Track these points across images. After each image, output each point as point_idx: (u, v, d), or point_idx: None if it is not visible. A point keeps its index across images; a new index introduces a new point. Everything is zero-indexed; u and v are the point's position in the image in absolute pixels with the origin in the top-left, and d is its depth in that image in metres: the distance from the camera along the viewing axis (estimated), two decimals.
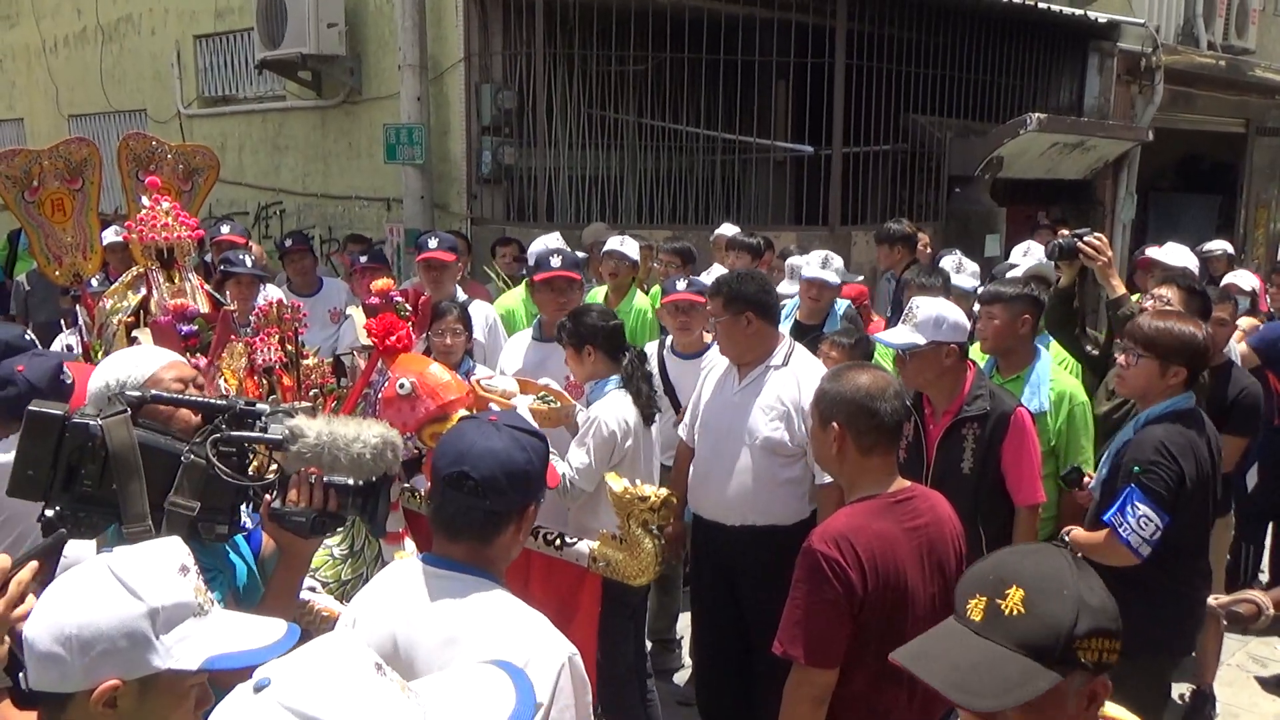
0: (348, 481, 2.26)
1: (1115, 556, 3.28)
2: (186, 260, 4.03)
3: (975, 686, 1.54)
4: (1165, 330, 3.43)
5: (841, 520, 2.67)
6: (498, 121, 8.37)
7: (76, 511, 2.18)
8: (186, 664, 1.52)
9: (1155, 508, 3.23)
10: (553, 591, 3.88)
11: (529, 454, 2.09)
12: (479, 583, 2.06)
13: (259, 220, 10.76)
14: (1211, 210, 14.26)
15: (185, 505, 2.20)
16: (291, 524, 2.25)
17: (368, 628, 2.14)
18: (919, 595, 2.63)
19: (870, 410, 2.65)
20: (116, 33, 12.36)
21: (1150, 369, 3.43)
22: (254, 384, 3.83)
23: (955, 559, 2.75)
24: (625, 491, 3.47)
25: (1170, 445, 3.31)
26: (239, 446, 2.27)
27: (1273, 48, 15.23)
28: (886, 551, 2.58)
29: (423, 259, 5.54)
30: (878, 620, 2.57)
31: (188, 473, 2.21)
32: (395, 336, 3.62)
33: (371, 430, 2.27)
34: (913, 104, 9.29)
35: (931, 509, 2.75)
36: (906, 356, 3.70)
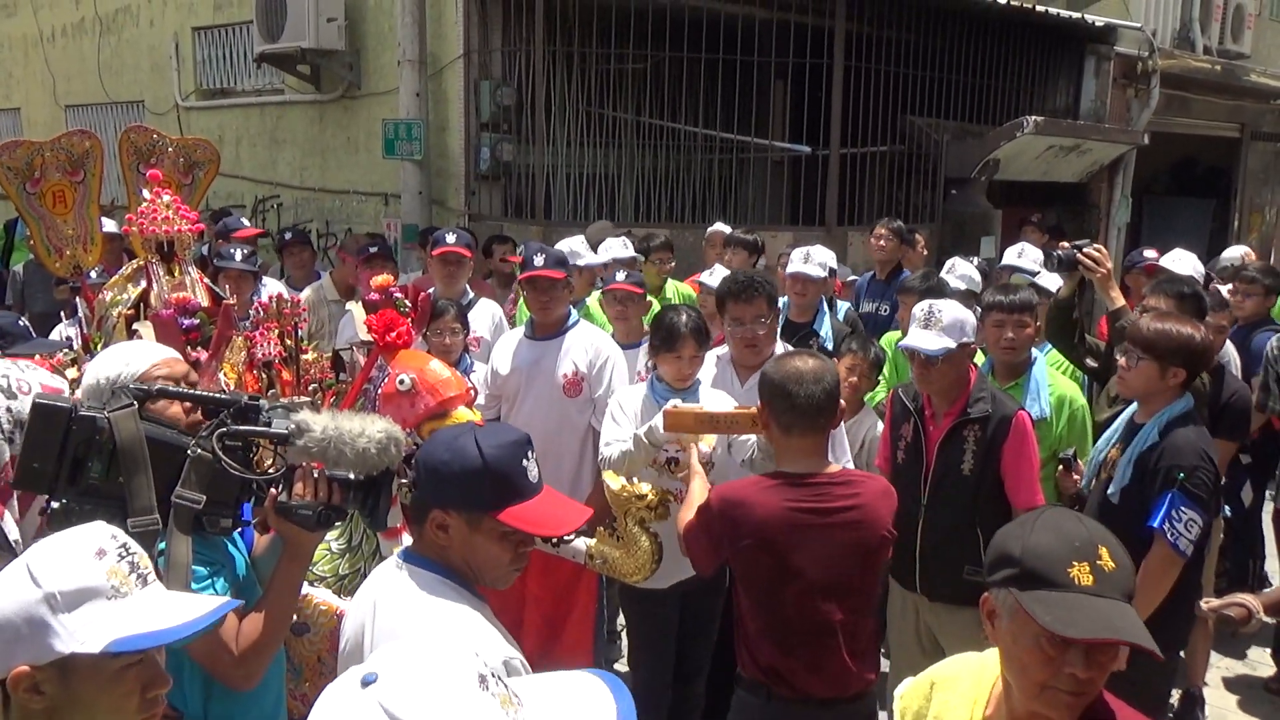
0: (349, 475, 2.28)
1: (1169, 567, 3.37)
2: (186, 254, 4.03)
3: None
4: (1164, 332, 3.48)
5: (740, 488, 3.01)
6: (496, 118, 8.38)
7: (82, 504, 2.19)
8: (90, 647, 1.52)
9: (1199, 510, 3.33)
10: (550, 588, 3.93)
11: (450, 457, 2.08)
12: (429, 577, 2.09)
13: (256, 213, 10.75)
14: (1206, 214, 14.31)
15: (191, 498, 2.22)
16: (298, 517, 2.26)
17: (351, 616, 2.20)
18: (810, 567, 2.90)
19: (786, 392, 2.94)
20: (114, 24, 12.35)
21: (1150, 371, 3.49)
22: (253, 378, 3.84)
23: (883, 542, 3.01)
24: (623, 489, 3.48)
25: (1205, 448, 3.41)
26: (245, 440, 2.28)
27: (1268, 52, 15.29)
28: (763, 525, 2.89)
29: (439, 253, 5.54)
30: (760, 580, 2.97)
31: (195, 466, 2.22)
32: (395, 332, 3.64)
33: (376, 426, 2.28)
34: (910, 106, 9.32)
35: (855, 496, 2.96)
36: (938, 361, 3.70)
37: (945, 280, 5.46)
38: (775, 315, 4.12)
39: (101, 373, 2.43)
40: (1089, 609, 1.71)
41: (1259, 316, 5.93)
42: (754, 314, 4.02)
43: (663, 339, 3.91)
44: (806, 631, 2.98)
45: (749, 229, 7.13)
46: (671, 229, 8.14)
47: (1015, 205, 10.30)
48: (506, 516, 2.07)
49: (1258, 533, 5.70)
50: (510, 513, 2.07)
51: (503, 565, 2.13)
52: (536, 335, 4.64)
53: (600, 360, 4.54)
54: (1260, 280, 5.96)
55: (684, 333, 3.86)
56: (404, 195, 8.75)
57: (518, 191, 8.61)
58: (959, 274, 5.87)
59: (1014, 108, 10.27)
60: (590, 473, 4.50)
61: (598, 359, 4.54)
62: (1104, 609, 1.72)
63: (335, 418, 2.28)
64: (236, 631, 2.25)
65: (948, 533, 3.73)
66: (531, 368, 4.58)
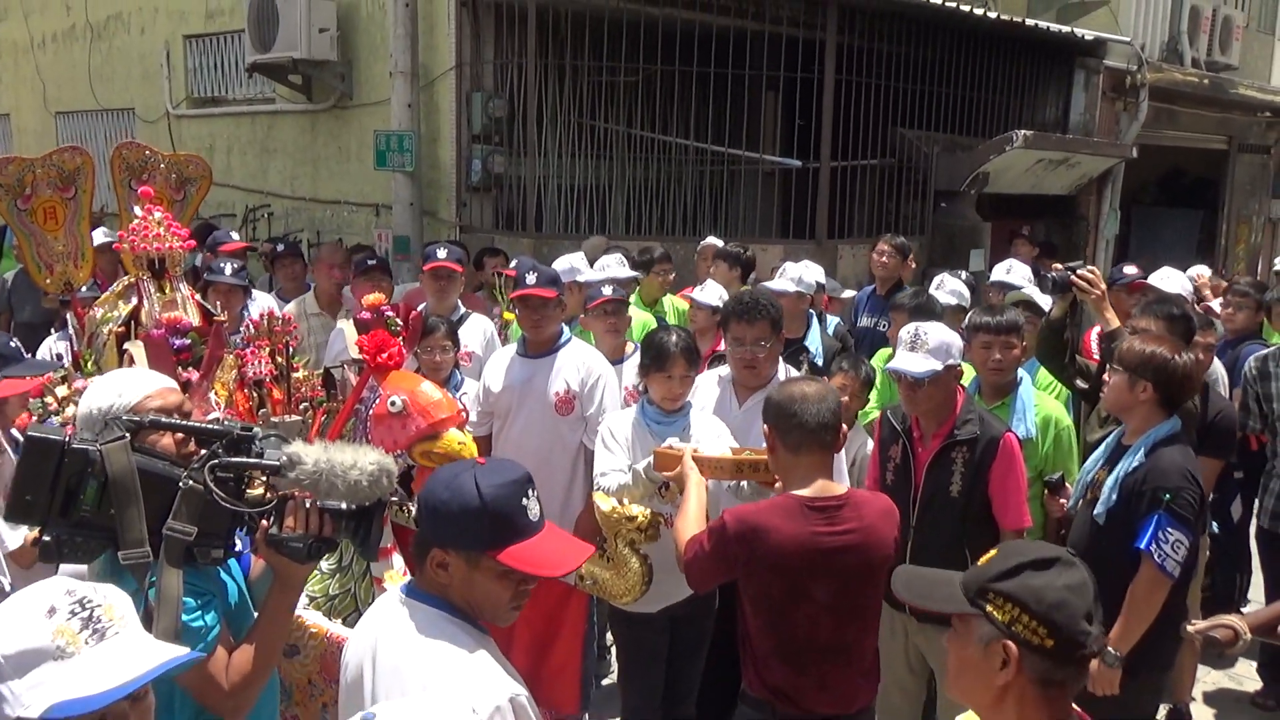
0: (341, 506, 2.29)
1: (1157, 590, 3.40)
2: (178, 270, 4.02)
3: (916, 589, 2.03)
4: (1131, 346, 3.58)
5: (758, 512, 3.00)
6: (488, 130, 8.38)
7: (74, 536, 2.19)
8: (31, 712, 1.51)
9: (1185, 530, 3.36)
10: (540, 607, 3.93)
11: (449, 496, 2.09)
12: (432, 614, 2.10)
13: (246, 223, 10.73)
14: (1193, 225, 14.39)
15: (183, 530, 2.22)
16: (289, 549, 2.27)
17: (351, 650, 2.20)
18: (821, 588, 2.95)
19: (790, 411, 3.00)
20: (106, 31, 12.33)
21: (1121, 383, 3.57)
22: (244, 396, 3.84)
23: (886, 561, 3.01)
24: (613, 511, 3.50)
25: (1191, 469, 3.44)
26: (237, 472, 2.29)
27: (1255, 63, 15.40)
28: (780, 549, 2.91)
29: (431, 268, 5.55)
30: (773, 602, 2.99)
31: (186, 498, 2.23)
32: (387, 354, 3.66)
33: (368, 457, 2.29)
34: (900, 118, 9.36)
35: (860, 518, 2.99)
36: (925, 383, 3.72)
37: (935, 297, 5.47)
38: (778, 339, 4.08)
39: (95, 403, 2.43)
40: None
41: (1249, 330, 5.97)
42: (755, 336, 4.00)
43: (653, 358, 3.91)
44: (817, 651, 3.02)
45: (739, 243, 7.15)
46: (662, 241, 8.15)
47: (1004, 218, 10.35)
48: (505, 557, 2.07)
49: (1245, 548, 5.73)
50: (509, 553, 2.08)
51: (503, 603, 2.14)
52: (529, 353, 4.65)
53: (592, 379, 4.55)
54: (1251, 294, 6.01)
55: (674, 352, 3.86)
56: (395, 206, 8.75)
57: (509, 203, 8.62)
58: (949, 289, 5.89)
59: (1004, 121, 10.32)
60: (582, 491, 4.52)
61: (590, 377, 4.56)
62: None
63: (327, 449, 2.28)
64: (226, 664, 2.25)
65: (936, 554, 3.73)
66: (524, 385, 4.59)
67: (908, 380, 3.74)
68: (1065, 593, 1.80)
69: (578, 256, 5.87)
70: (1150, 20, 12.75)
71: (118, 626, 1.62)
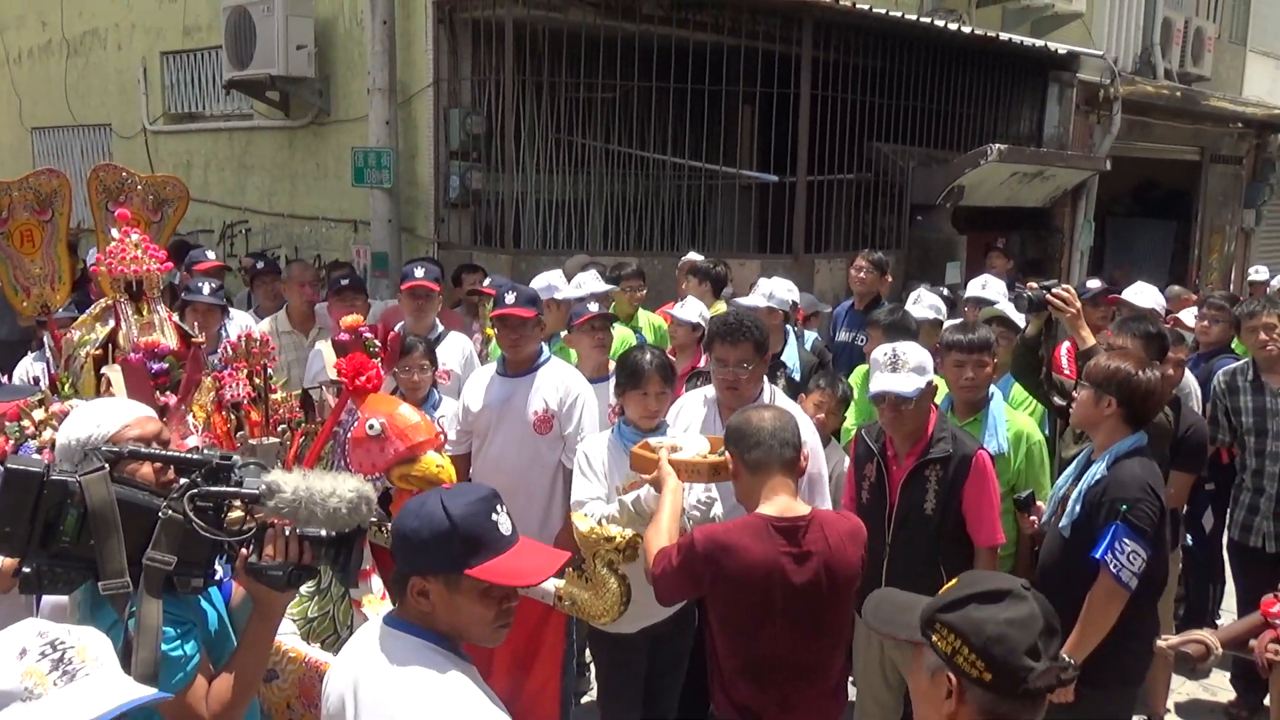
0: (320, 533, 2.30)
1: (1113, 600, 3.43)
2: (155, 293, 4.03)
3: (881, 614, 2.07)
4: (1095, 362, 3.65)
5: (728, 531, 3.02)
6: (466, 146, 8.39)
7: (53, 568, 2.20)
8: None
9: (1142, 542, 3.39)
10: (518, 628, 3.93)
11: (419, 524, 2.13)
12: (414, 643, 2.13)
13: (224, 239, 10.72)
14: (1168, 236, 14.54)
15: (162, 560, 2.23)
16: (268, 578, 2.28)
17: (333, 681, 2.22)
18: (787, 608, 2.97)
19: (748, 433, 3.06)
20: (82, 46, 12.28)
21: (1087, 399, 3.62)
22: (221, 419, 3.85)
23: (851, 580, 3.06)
24: (591, 531, 3.51)
25: (1150, 481, 3.48)
26: (216, 501, 2.30)
27: (1227, 74, 15.58)
28: (748, 569, 2.93)
29: (408, 287, 5.57)
30: (738, 621, 3.02)
31: (165, 528, 2.24)
32: (365, 376, 3.67)
33: (347, 485, 2.30)
34: (876, 133, 9.43)
35: (824, 538, 3.01)
36: (912, 402, 3.77)
37: (910, 315, 5.52)
38: (763, 360, 4.00)
39: (73, 434, 2.43)
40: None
41: (1223, 343, 6.05)
42: (738, 357, 3.89)
43: (628, 377, 3.94)
44: (783, 670, 3.05)
45: (716, 259, 7.19)
46: (641, 257, 8.19)
47: (980, 230, 10.43)
48: (480, 572, 2.10)
49: (1218, 560, 5.79)
50: (485, 568, 2.11)
51: (487, 623, 2.17)
52: (508, 372, 4.68)
53: (571, 398, 4.58)
54: (1226, 308, 6.08)
55: (649, 370, 3.89)
56: (373, 223, 8.75)
57: (487, 219, 8.63)
58: (926, 304, 5.94)
59: (979, 134, 10.42)
60: (560, 510, 4.54)
61: (568, 396, 4.58)
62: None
63: (306, 477, 2.30)
64: (206, 693, 2.26)
65: (912, 572, 3.79)
66: (503, 405, 4.61)
67: (893, 400, 3.77)
68: (1006, 627, 1.81)
69: (556, 274, 5.89)
70: (1123, 32, 12.90)
71: (89, 668, 1.64)
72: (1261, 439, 5.06)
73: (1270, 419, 5.01)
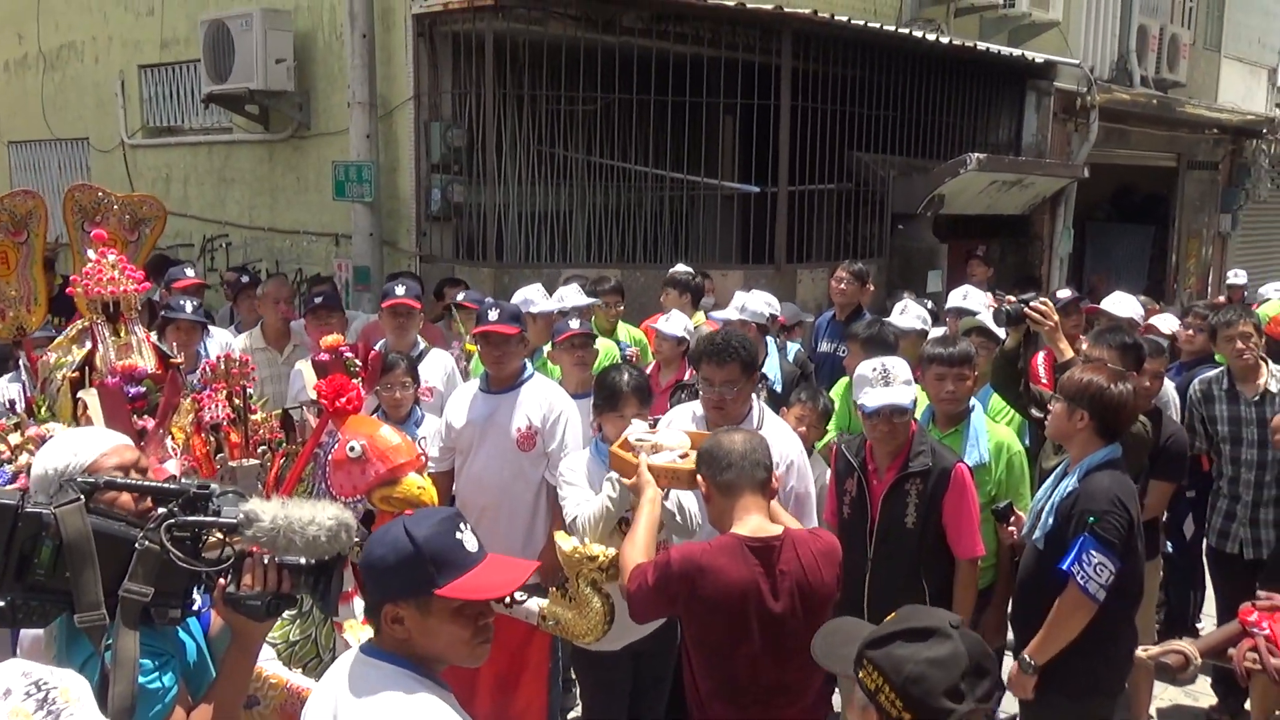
0: (300, 561, 2.29)
1: (1079, 611, 3.44)
2: (133, 314, 4.00)
3: (824, 646, 2.14)
4: (1069, 375, 3.67)
5: (704, 552, 2.99)
6: (447, 159, 8.38)
7: (29, 601, 2.18)
8: None
9: (1109, 554, 3.40)
10: (502, 648, 3.93)
11: (385, 550, 2.15)
12: (392, 671, 2.13)
13: (204, 253, 10.67)
14: (1145, 241, 14.65)
15: (139, 591, 2.21)
16: (246, 608, 2.26)
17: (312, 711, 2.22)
18: (761, 629, 2.96)
19: (718, 455, 3.05)
20: (59, 60, 12.21)
21: (1060, 412, 3.64)
22: (201, 441, 3.83)
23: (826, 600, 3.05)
24: (574, 551, 3.50)
25: (1120, 494, 3.49)
26: (193, 531, 2.28)
27: (1203, 80, 15.72)
28: (724, 589, 2.92)
29: (389, 305, 5.56)
30: (713, 641, 3.00)
31: (142, 559, 2.22)
32: (345, 398, 3.65)
33: (326, 512, 2.29)
34: (856, 142, 9.46)
35: (798, 558, 3.00)
36: (906, 415, 3.80)
37: (889, 327, 5.53)
38: (750, 380, 3.95)
39: (50, 464, 2.41)
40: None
41: (1206, 353, 6.08)
42: (724, 378, 3.85)
43: (605, 398, 3.95)
44: (758, 691, 3.03)
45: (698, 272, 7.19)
46: (623, 269, 8.21)
47: (961, 238, 10.49)
48: (449, 591, 2.12)
49: (1198, 566, 5.83)
50: (453, 587, 2.12)
51: (464, 642, 2.17)
52: (491, 389, 4.67)
53: (554, 414, 4.58)
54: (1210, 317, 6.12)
55: (626, 392, 3.92)
56: (355, 237, 8.72)
57: (470, 232, 8.62)
58: (913, 315, 5.95)
59: (958, 142, 10.47)
60: (544, 526, 4.53)
61: (551, 413, 4.58)
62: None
63: (285, 505, 2.28)
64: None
65: (894, 585, 3.81)
66: (486, 421, 4.60)
67: (890, 413, 3.79)
68: (926, 666, 1.80)
69: (535, 289, 5.89)
70: (1100, 40, 13.01)
71: (73, 708, 1.65)
72: (1237, 447, 5.10)
73: (1245, 427, 5.05)
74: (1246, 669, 3.35)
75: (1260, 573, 4.81)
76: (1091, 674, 3.58)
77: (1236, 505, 5.11)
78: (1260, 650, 3.32)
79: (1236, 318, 5.12)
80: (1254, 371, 5.06)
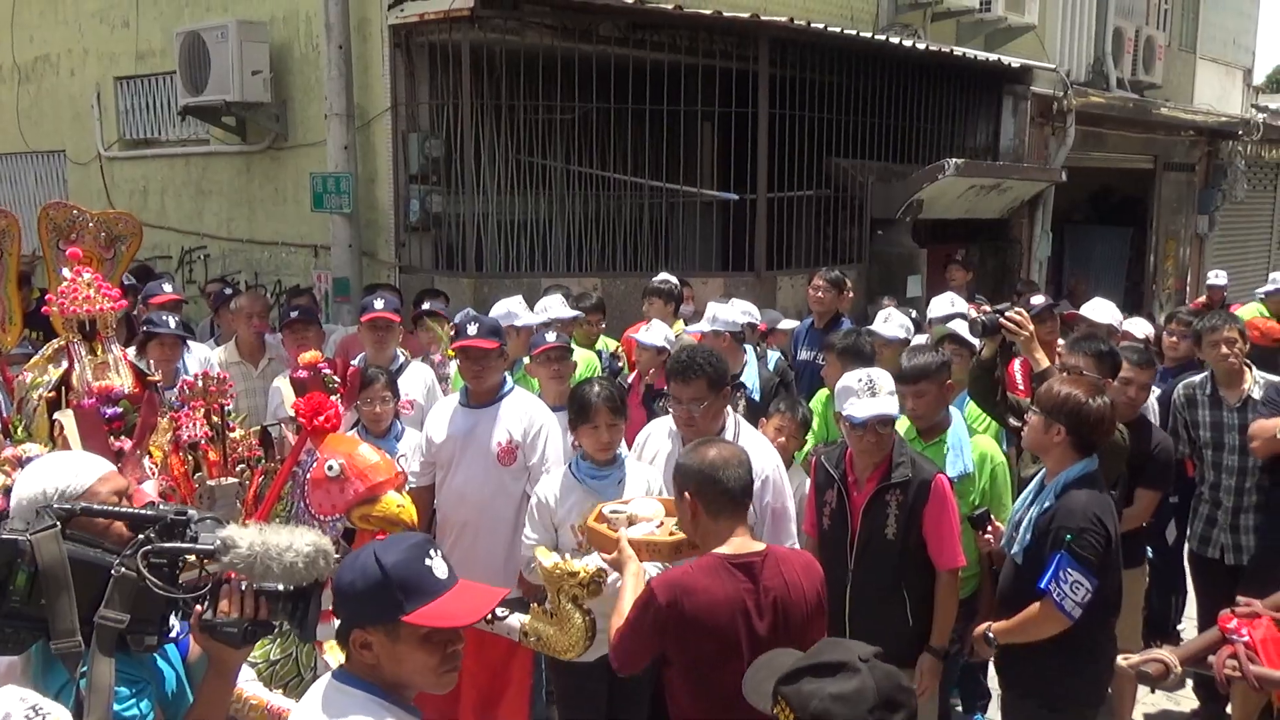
0: (278, 588, 2.28)
1: (1051, 624, 3.45)
2: (109, 332, 3.97)
3: (753, 680, 2.14)
4: (1049, 388, 3.65)
5: (685, 575, 2.95)
6: (425, 170, 8.35)
7: (3, 628, 2.17)
8: None
9: (1086, 572, 3.40)
10: (485, 665, 3.92)
11: (354, 576, 2.14)
12: (361, 698, 2.13)
13: (183, 264, 10.60)
14: (1123, 242, 14.74)
15: (115, 618, 2.20)
16: (223, 635, 2.25)
17: None
18: (749, 647, 2.88)
19: (715, 479, 2.96)
20: (34, 72, 12.13)
21: (1037, 425, 3.64)
22: (179, 460, 3.81)
23: (809, 617, 3.01)
24: (555, 567, 3.49)
25: (1097, 511, 3.48)
26: (170, 557, 2.27)
27: (1178, 81, 15.84)
28: (712, 608, 2.88)
29: (367, 320, 5.54)
30: (702, 664, 2.94)
31: (118, 586, 2.21)
32: (324, 416, 3.64)
33: (304, 539, 2.28)
34: (834, 148, 9.49)
35: (781, 574, 2.97)
36: (892, 424, 3.82)
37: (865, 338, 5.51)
38: (719, 397, 3.98)
39: (46, 484, 2.38)
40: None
41: (1190, 360, 6.12)
42: (691, 395, 3.91)
43: (577, 412, 3.96)
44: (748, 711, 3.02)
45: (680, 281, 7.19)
46: (603, 277, 8.21)
47: (940, 243, 10.53)
48: (416, 618, 2.11)
49: (1179, 571, 5.85)
50: (422, 613, 2.12)
51: (432, 670, 2.16)
52: (471, 403, 4.65)
53: (535, 428, 4.57)
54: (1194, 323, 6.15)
55: (597, 403, 3.93)
56: (334, 248, 8.68)
57: (449, 243, 8.59)
58: (896, 323, 5.93)
59: (936, 147, 10.52)
60: None
61: (532, 427, 4.57)
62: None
63: (263, 531, 2.28)
64: None
65: (875, 596, 3.82)
66: (466, 436, 4.59)
67: (875, 424, 3.79)
68: (830, 703, 1.81)
69: (516, 301, 5.87)
70: (1076, 43, 13.10)
71: None
72: (1218, 452, 5.12)
73: (1226, 433, 5.06)
74: (1226, 676, 3.36)
75: (1241, 578, 4.83)
76: (1072, 685, 3.59)
77: (1218, 511, 5.13)
78: (1240, 657, 3.33)
79: (1221, 323, 5.15)
80: (1238, 377, 5.08)
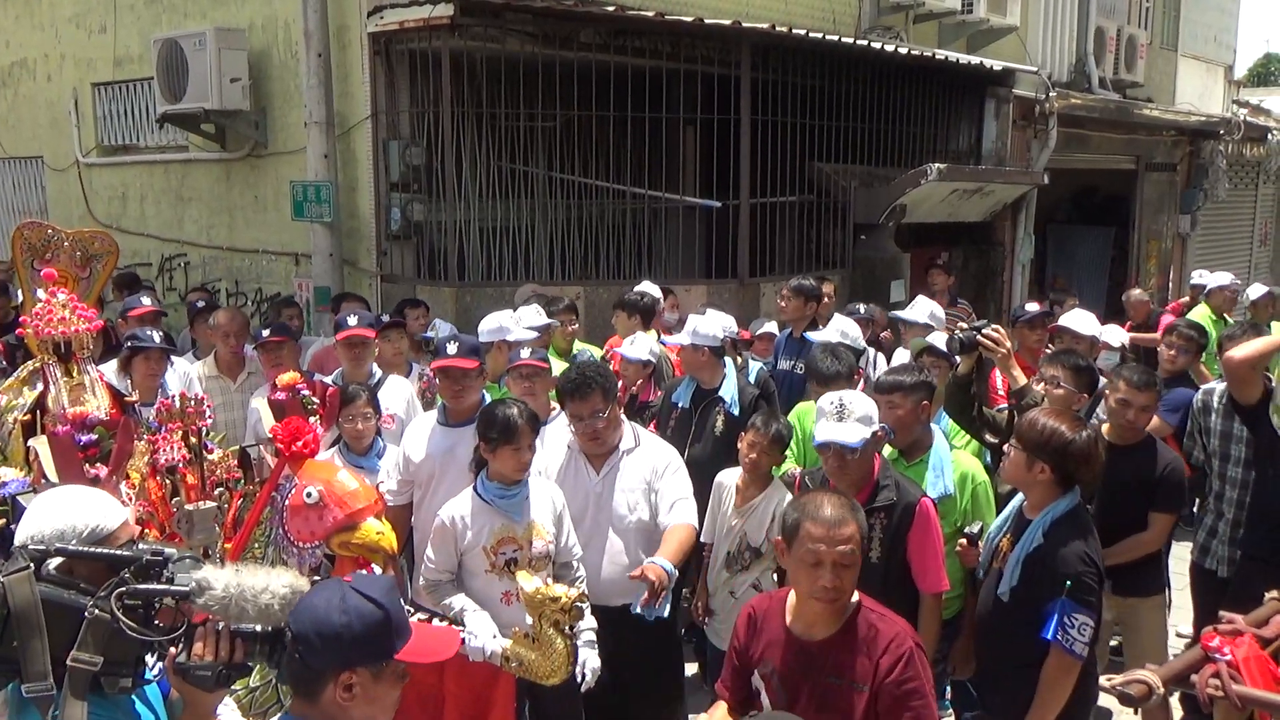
0: (254, 628, 2.26)
1: (1068, 674, 3.41)
2: (85, 353, 3.93)
3: None
4: (1032, 423, 3.55)
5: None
6: (406, 178, 8.29)
7: None
8: None
9: (1088, 612, 3.38)
10: (467, 689, 3.90)
11: (349, 618, 2.12)
12: None
13: (163, 272, 10.53)
14: (1106, 242, 14.79)
15: (88, 661, 2.17)
16: (196, 678, 2.22)
17: None
18: None
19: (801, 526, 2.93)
20: (10, 78, 12.03)
21: (1019, 460, 3.56)
22: (157, 484, 3.77)
23: None
24: (536, 592, 3.48)
25: (1088, 550, 3.45)
26: (145, 599, 2.24)
27: (1160, 80, 15.90)
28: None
29: (343, 338, 5.49)
30: None
31: (91, 628, 2.18)
32: (302, 442, 3.61)
33: (280, 580, 2.26)
34: (817, 153, 9.49)
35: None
36: (858, 453, 3.76)
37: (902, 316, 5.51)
38: (616, 404, 4.28)
39: (77, 521, 2.32)
40: None
41: (1182, 371, 6.14)
42: (590, 409, 4.17)
43: (500, 433, 3.87)
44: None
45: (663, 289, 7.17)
46: (586, 285, 8.18)
47: (923, 246, 10.54)
48: (406, 655, 2.18)
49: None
50: (407, 650, 2.19)
51: (394, 705, 2.24)
52: (450, 421, 4.62)
53: None
54: (1194, 338, 6.17)
55: (521, 424, 3.88)
56: (315, 257, 8.62)
57: (430, 250, 8.55)
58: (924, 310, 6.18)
59: (919, 151, 10.53)
60: None
61: None
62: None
63: (239, 573, 2.25)
64: None
65: None
66: (445, 455, 4.55)
67: (837, 451, 3.76)
68: None
69: (506, 315, 5.79)
70: (1058, 43, 13.13)
71: None
72: (1224, 463, 5.05)
73: (1234, 444, 5.02)
74: (1209, 695, 3.36)
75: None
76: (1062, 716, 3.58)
77: (1219, 522, 5.08)
78: (1222, 676, 3.32)
79: (1241, 334, 5.15)
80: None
